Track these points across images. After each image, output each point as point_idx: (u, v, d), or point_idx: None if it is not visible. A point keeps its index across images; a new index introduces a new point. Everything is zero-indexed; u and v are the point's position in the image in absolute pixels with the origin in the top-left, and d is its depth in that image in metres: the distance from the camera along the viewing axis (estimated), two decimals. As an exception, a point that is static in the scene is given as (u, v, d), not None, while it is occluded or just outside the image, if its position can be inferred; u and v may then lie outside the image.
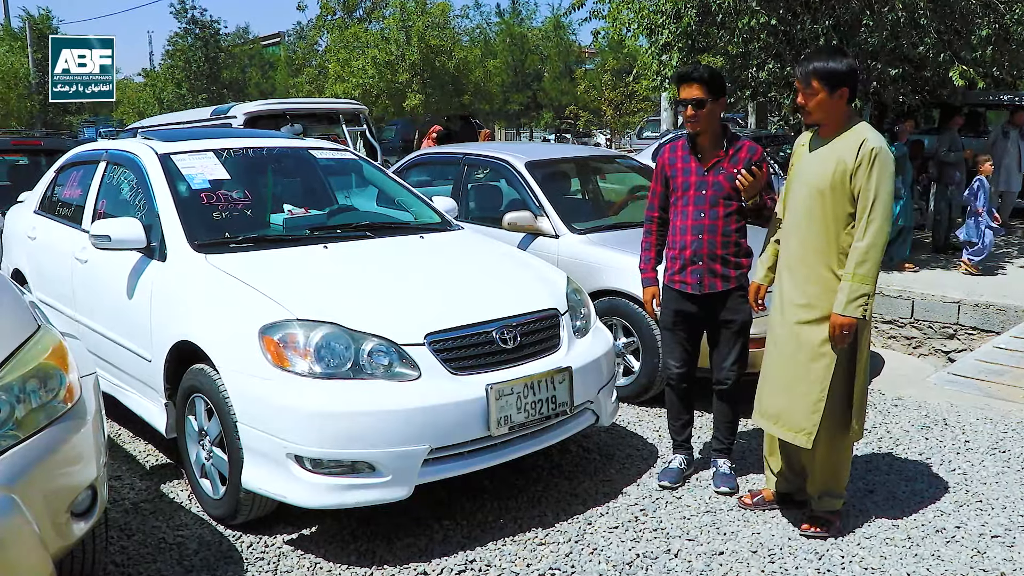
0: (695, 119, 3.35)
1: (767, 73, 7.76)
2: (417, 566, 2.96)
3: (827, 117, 2.99)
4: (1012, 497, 3.49)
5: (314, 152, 4.73)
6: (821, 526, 3.16)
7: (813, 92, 2.95)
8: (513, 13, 33.97)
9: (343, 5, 26.42)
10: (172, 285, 3.47)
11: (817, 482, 3.18)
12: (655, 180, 3.57)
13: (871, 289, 2.88)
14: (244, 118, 8.14)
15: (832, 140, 3.00)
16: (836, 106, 2.95)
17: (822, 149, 3.02)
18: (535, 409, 3.15)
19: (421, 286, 3.42)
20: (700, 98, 3.33)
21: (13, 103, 26.95)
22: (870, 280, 2.88)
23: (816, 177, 2.99)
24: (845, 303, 2.87)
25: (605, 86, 25.77)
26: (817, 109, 2.97)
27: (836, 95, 2.93)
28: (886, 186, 2.88)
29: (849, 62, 2.94)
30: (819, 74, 2.92)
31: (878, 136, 2.94)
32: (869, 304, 2.89)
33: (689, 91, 3.34)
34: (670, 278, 3.50)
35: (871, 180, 2.87)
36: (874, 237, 2.86)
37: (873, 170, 2.86)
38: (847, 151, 2.92)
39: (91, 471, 2.34)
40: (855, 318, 2.88)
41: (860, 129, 2.96)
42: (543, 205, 5.15)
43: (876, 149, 2.88)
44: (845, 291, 2.88)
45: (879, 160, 2.87)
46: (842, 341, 2.93)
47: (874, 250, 2.87)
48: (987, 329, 6.22)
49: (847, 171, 2.90)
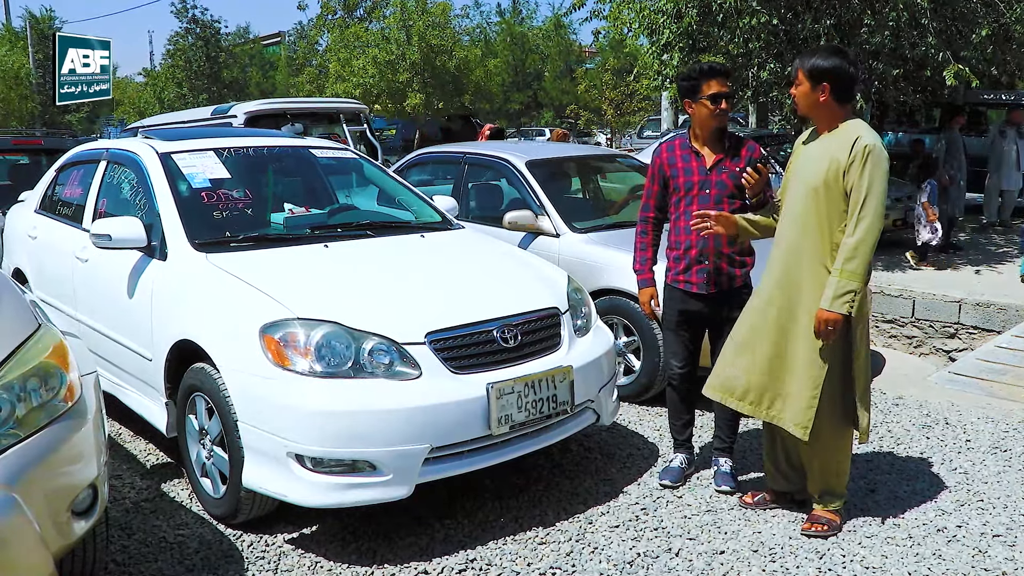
0: (726, 113, 3.38)
1: (768, 73, 7.75)
2: (418, 565, 2.96)
3: (812, 110, 3.03)
4: (1013, 496, 3.49)
5: (315, 151, 4.73)
6: (822, 525, 3.16)
7: (798, 83, 3.02)
8: (514, 12, 34.00)
9: (344, 5, 26.42)
10: (173, 284, 3.47)
11: (817, 481, 3.18)
12: (652, 180, 3.54)
13: (859, 286, 2.88)
14: (245, 117, 8.13)
15: (827, 138, 3.01)
16: (818, 100, 2.97)
17: (817, 146, 3.04)
18: (536, 408, 3.15)
19: (422, 285, 3.42)
20: (729, 93, 3.38)
21: (14, 103, 26.97)
22: (857, 277, 2.87)
23: (810, 174, 3.00)
24: (831, 299, 2.88)
25: (606, 85, 25.78)
26: (801, 100, 3.03)
27: (818, 89, 2.96)
28: (878, 183, 2.88)
29: (836, 61, 2.94)
30: (804, 67, 2.99)
31: (872, 133, 2.95)
32: (856, 301, 2.89)
33: (722, 85, 3.35)
34: (674, 278, 3.49)
35: (863, 177, 2.87)
36: (864, 234, 2.87)
37: (866, 167, 2.87)
38: (840, 148, 2.93)
39: (92, 470, 2.34)
40: (841, 314, 2.88)
41: (854, 126, 2.97)
42: (544, 204, 5.15)
43: (869, 146, 2.88)
44: (832, 287, 2.89)
45: (872, 157, 2.87)
46: (827, 337, 2.93)
47: (863, 247, 2.87)
48: (988, 328, 6.22)
49: (840, 168, 2.91)
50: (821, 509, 3.20)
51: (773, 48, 7.83)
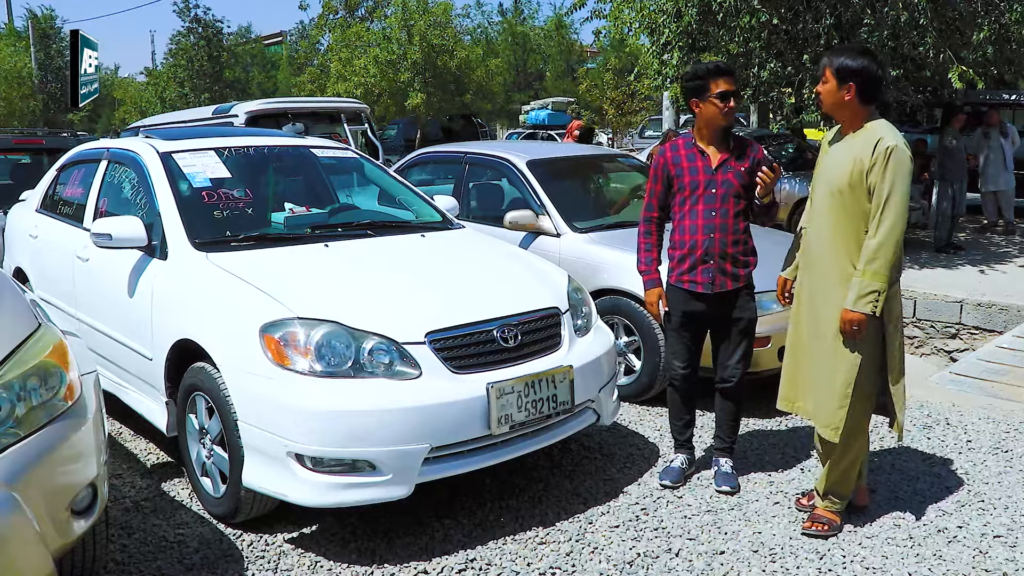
0: (732, 112, 3.37)
1: (768, 72, 7.75)
2: (417, 565, 2.96)
3: (835, 109, 3.02)
4: (1014, 497, 3.48)
5: (315, 151, 4.73)
6: (823, 525, 3.15)
7: (824, 80, 3.01)
8: (515, 12, 33.99)
9: (345, 4, 26.41)
10: (173, 283, 3.47)
11: (826, 480, 3.17)
12: (655, 180, 3.53)
13: (882, 286, 2.87)
14: (246, 117, 8.14)
15: (850, 138, 3.01)
16: (843, 99, 2.96)
17: (841, 147, 3.03)
18: (536, 408, 3.15)
19: (422, 285, 3.42)
20: (736, 92, 3.38)
21: (17, 103, 26.99)
22: (881, 277, 2.87)
23: (834, 176, 3.00)
24: (855, 299, 2.89)
25: (607, 85, 25.75)
26: (826, 97, 3.01)
27: (844, 88, 2.95)
28: (901, 184, 2.86)
29: (865, 61, 2.94)
30: (832, 65, 2.98)
31: (895, 134, 2.93)
32: (879, 301, 2.88)
33: (730, 83, 3.35)
34: (678, 278, 3.48)
35: (885, 178, 2.86)
36: (886, 234, 2.86)
37: (888, 168, 2.86)
38: (863, 149, 2.92)
39: (91, 469, 2.34)
40: (864, 314, 2.88)
41: (877, 127, 2.96)
42: (544, 204, 5.15)
43: (891, 147, 2.87)
44: (855, 287, 2.89)
45: (894, 158, 2.86)
46: (852, 336, 2.94)
47: (886, 247, 2.86)
48: (990, 329, 6.21)
49: (863, 169, 2.90)
50: (823, 508, 3.19)
51: (773, 48, 7.82)
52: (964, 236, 9.40)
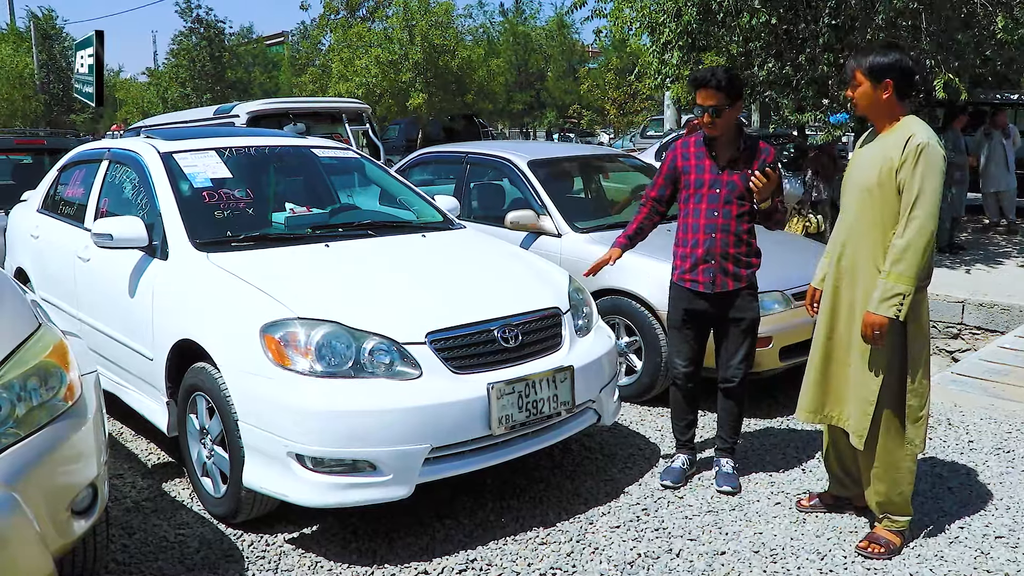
0: (712, 126, 3.34)
1: (767, 72, 7.73)
2: (418, 565, 2.96)
3: (872, 110, 2.92)
4: (1016, 498, 3.47)
5: (316, 151, 4.73)
6: (879, 547, 3.01)
7: (855, 84, 2.92)
8: (516, 12, 33.99)
9: (346, 4, 26.42)
10: (174, 284, 3.47)
11: (877, 495, 3.04)
12: (661, 172, 3.56)
13: (908, 289, 2.76)
14: (247, 117, 8.14)
15: (883, 137, 2.92)
16: (881, 98, 2.87)
17: (872, 147, 2.95)
18: (536, 408, 3.15)
19: (423, 285, 3.42)
20: (716, 105, 3.30)
21: (19, 103, 27.02)
22: (906, 279, 2.76)
23: (865, 176, 2.91)
24: (878, 301, 2.79)
25: (608, 85, 25.76)
26: (861, 100, 2.92)
27: (880, 87, 2.86)
28: (932, 183, 2.76)
29: (896, 56, 2.85)
30: (862, 67, 2.88)
31: (927, 130, 2.83)
32: (904, 304, 2.77)
33: (706, 97, 3.31)
34: (680, 276, 3.49)
35: (915, 176, 2.76)
36: (914, 235, 2.75)
37: (918, 165, 2.76)
38: (894, 147, 2.83)
39: (92, 469, 2.34)
40: (887, 317, 2.79)
41: (908, 124, 2.87)
42: (545, 204, 5.15)
43: (922, 144, 2.77)
44: (880, 289, 2.80)
45: (925, 155, 2.76)
46: (874, 341, 2.84)
47: (913, 249, 2.75)
48: (992, 329, 6.20)
49: (893, 167, 2.81)
50: (881, 528, 3.06)
51: (772, 47, 7.81)
52: (966, 236, 9.39)
